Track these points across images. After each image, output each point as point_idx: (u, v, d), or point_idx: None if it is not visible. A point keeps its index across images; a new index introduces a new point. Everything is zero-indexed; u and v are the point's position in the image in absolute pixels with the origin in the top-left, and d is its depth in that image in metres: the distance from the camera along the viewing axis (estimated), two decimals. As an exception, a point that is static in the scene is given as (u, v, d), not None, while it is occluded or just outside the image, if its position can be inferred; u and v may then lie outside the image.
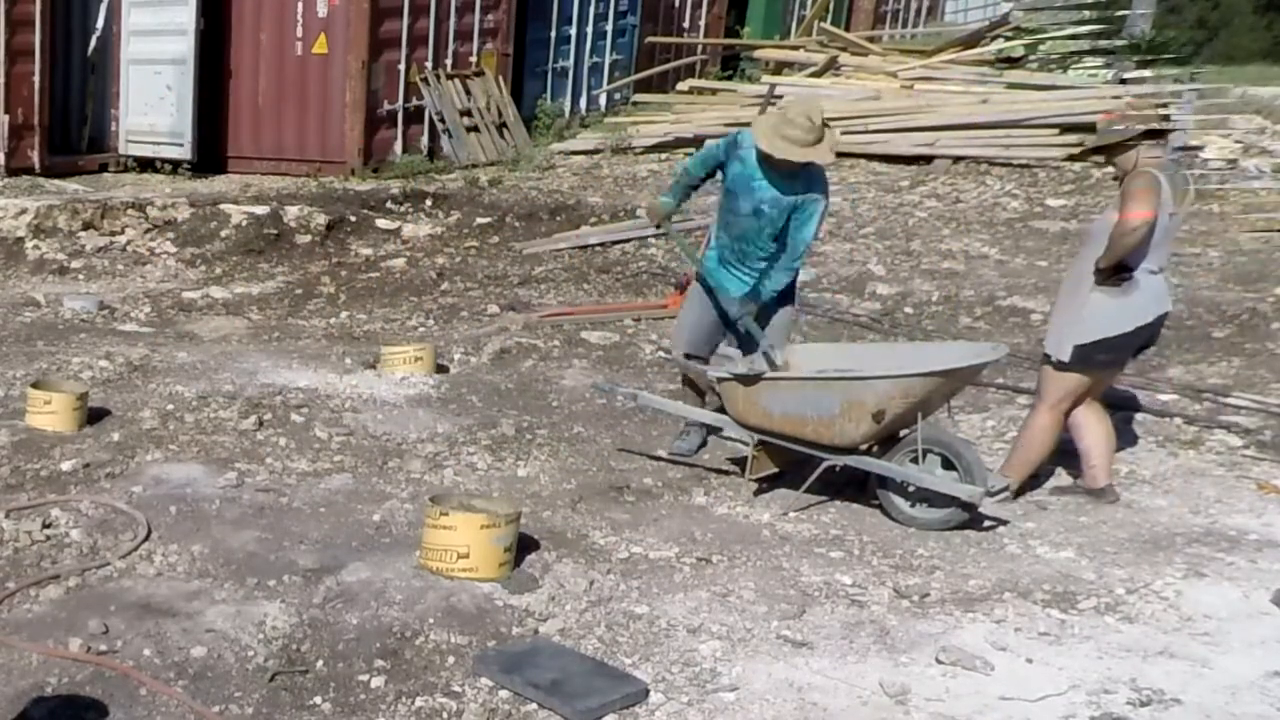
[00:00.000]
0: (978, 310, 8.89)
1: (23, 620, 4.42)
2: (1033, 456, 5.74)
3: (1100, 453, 5.72)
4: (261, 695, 4.01)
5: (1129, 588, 4.88)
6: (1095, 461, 5.72)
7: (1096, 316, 5.45)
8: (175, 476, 5.73)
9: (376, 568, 4.83)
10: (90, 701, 3.92)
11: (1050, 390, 5.61)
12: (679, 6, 18.62)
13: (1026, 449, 5.73)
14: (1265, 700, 4.09)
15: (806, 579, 4.91)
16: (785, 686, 4.11)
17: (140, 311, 9.05)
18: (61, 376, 7.04)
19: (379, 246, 10.97)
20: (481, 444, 6.32)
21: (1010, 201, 11.75)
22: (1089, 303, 5.46)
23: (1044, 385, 5.65)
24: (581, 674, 4.09)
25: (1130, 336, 5.50)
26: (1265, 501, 5.79)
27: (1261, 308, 8.62)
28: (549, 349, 8.12)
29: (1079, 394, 5.62)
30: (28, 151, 13.12)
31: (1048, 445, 5.73)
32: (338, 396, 6.96)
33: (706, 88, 15.92)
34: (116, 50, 13.92)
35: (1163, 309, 5.55)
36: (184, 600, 4.55)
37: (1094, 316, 5.46)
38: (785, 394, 5.58)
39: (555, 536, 5.19)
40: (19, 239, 10.46)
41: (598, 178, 13.53)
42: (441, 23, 14.39)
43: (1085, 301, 5.48)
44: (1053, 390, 5.61)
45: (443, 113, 14.22)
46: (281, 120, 14.11)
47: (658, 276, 10.00)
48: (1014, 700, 4.05)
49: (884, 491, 5.53)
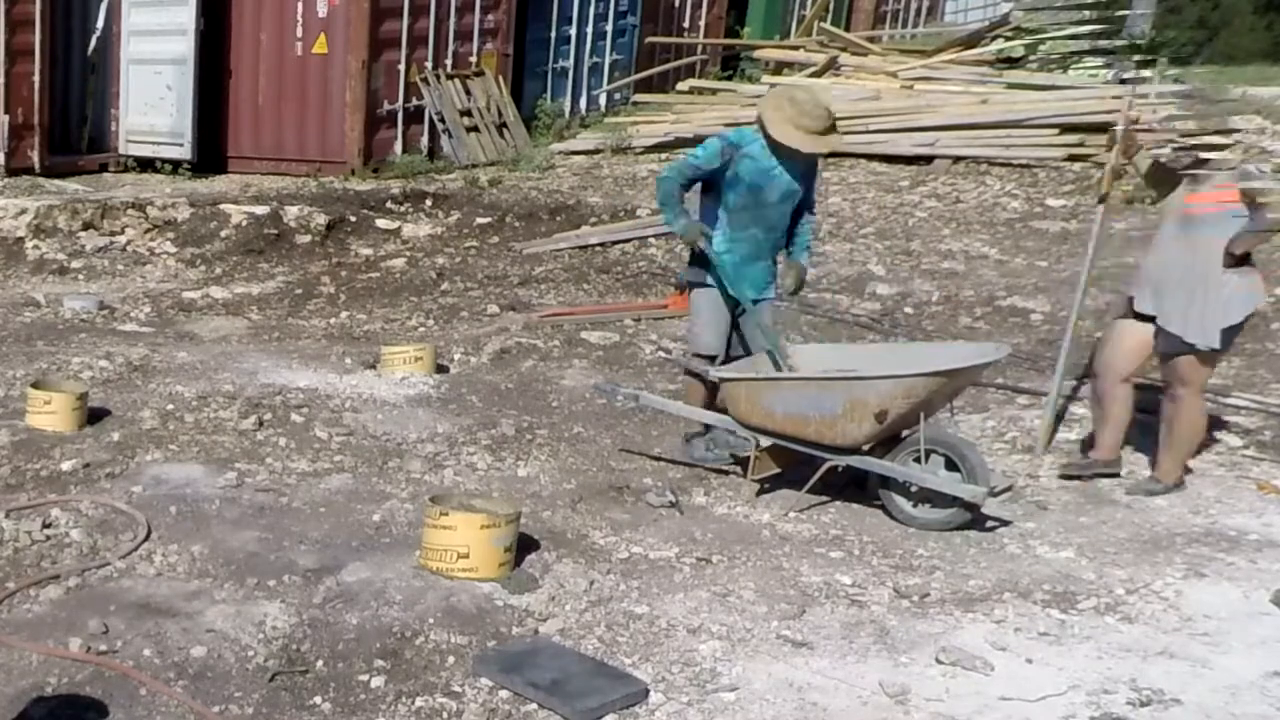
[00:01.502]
0: (978, 310, 8.89)
1: (23, 620, 4.42)
2: (1195, 446, 5.96)
3: (1123, 427, 5.98)
4: (261, 695, 4.01)
5: (1129, 588, 4.88)
6: (1118, 435, 5.98)
7: (1239, 297, 5.66)
8: (175, 476, 5.73)
9: (376, 568, 4.83)
10: (90, 701, 3.92)
11: (1197, 377, 5.77)
12: (679, 6, 18.61)
13: (1192, 439, 5.88)
14: (1265, 700, 4.09)
15: (806, 579, 4.91)
16: (785, 686, 4.11)
17: (140, 311, 9.05)
18: (61, 376, 7.04)
19: (379, 246, 10.97)
20: (481, 444, 6.32)
21: (1010, 201, 11.74)
22: (1228, 285, 5.63)
23: (1188, 374, 5.74)
24: (581, 674, 4.08)
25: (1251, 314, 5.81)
26: (1265, 501, 5.79)
27: (1261, 308, 8.59)
28: (549, 349, 8.12)
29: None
30: (28, 151, 13.11)
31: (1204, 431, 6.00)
32: (338, 396, 6.96)
33: (706, 88, 15.92)
34: (116, 50, 13.91)
35: None
36: (184, 600, 4.55)
37: (1236, 297, 5.65)
38: (788, 394, 5.58)
39: (555, 536, 5.19)
40: (19, 239, 10.46)
41: (598, 178, 13.53)
42: (441, 23, 14.39)
43: (1223, 285, 5.62)
44: (1200, 376, 5.79)
45: (443, 113, 14.22)
46: (281, 120, 14.11)
47: (657, 276, 10.00)
48: (1014, 700, 4.05)
49: (886, 492, 5.53)
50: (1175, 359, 5.74)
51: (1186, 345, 5.67)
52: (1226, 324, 5.64)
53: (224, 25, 14.05)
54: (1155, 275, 5.80)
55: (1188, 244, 5.69)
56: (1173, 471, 5.84)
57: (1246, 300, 5.68)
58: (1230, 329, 5.68)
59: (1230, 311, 5.64)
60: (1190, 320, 5.66)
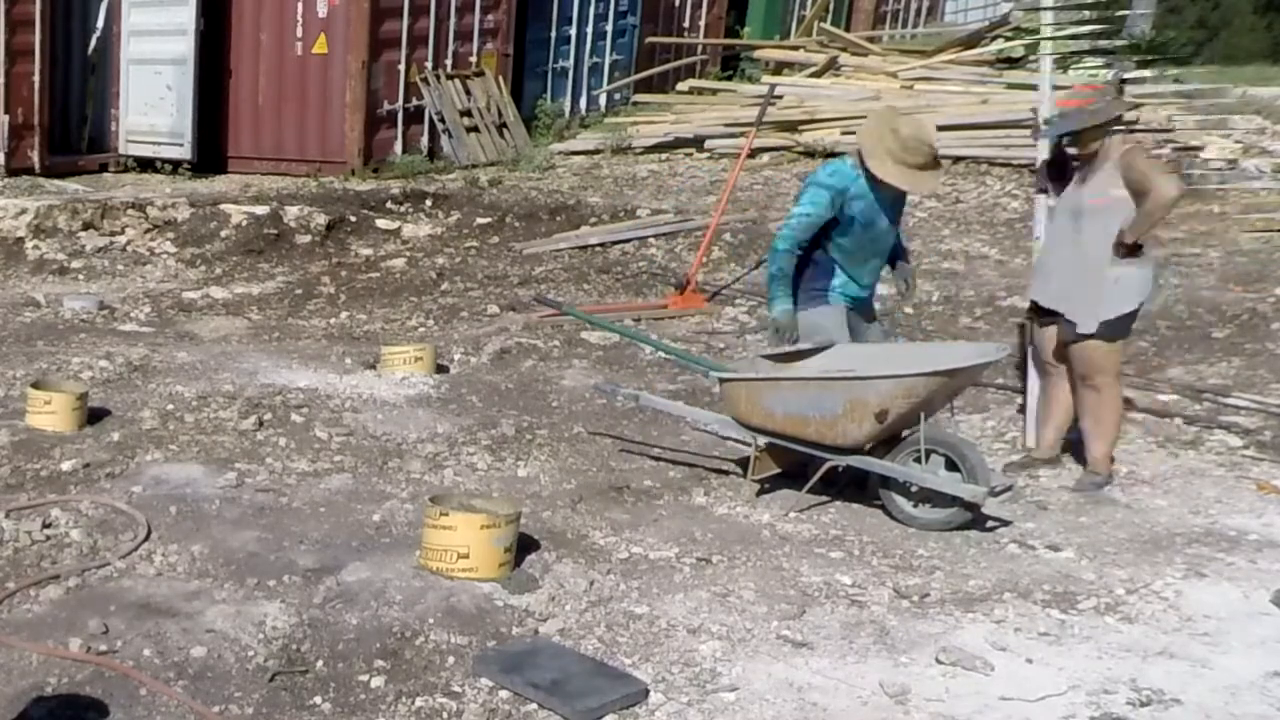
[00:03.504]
0: (978, 310, 8.89)
1: (23, 620, 4.42)
2: (1118, 430, 5.99)
3: (1062, 427, 6.12)
4: (261, 695, 4.01)
5: (1129, 588, 4.88)
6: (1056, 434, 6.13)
7: (1131, 287, 5.76)
8: (175, 476, 5.73)
9: (376, 568, 4.83)
10: (90, 701, 3.92)
11: (1109, 364, 5.83)
12: (679, 6, 18.61)
13: (1116, 425, 5.93)
14: (1265, 700, 4.09)
15: (806, 579, 4.91)
16: (785, 686, 4.11)
17: (140, 311, 9.05)
18: (61, 376, 7.04)
19: (379, 246, 10.97)
20: (481, 444, 6.32)
21: (1010, 201, 11.74)
22: (1119, 276, 5.72)
23: (1098, 361, 5.81)
24: (581, 674, 4.08)
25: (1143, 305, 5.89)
26: (1265, 501, 5.79)
27: (1261, 308, 8.62)
28: (549, 349, 8.12)
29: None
30: (28, 151, 13.11)
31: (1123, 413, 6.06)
32: (338, 396, 6.96)
33: (706, 88, 15.92)
34: (116, 50, 13.91)
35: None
36: (184, 600, 4.55)
37: (1128, 288, 5.74)
38: (788, 394, 5.58)
39: (555, 536, 5.19)
40: (19, 239, 10.46)
41: (598, 178, 13.53)
42: (441, 23, 14.39)
43: (1112, 276, 5.71)
44: (1111, 363, 5.84)
45: (443, 113, 14.22)
46: (281, 120, 14.11)
47: (657, 277, 10.00)
48: (1014, 700, 4.04)
49: (886, 492, 5.53)
50: (1080, 347, 5.84)
51: (1079, 334, 5.80)
52: (1118, 312, 5.75)
53: (224, 25, 14.05)
54: (1047, 265, 6.01)
55: (1077, 234, 5.83)
56: (1104, 461, 5.92)
57: (1141, 288, 5.80)
58: (1125, 316, 5.79)
59: (1122, 300, 5.75)
60: (1078, 309, 5.80)
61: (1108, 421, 5.88)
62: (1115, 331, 5.81)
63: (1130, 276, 5.76)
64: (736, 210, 11.20)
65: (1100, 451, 5.90)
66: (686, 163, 13.98)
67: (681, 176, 13.38)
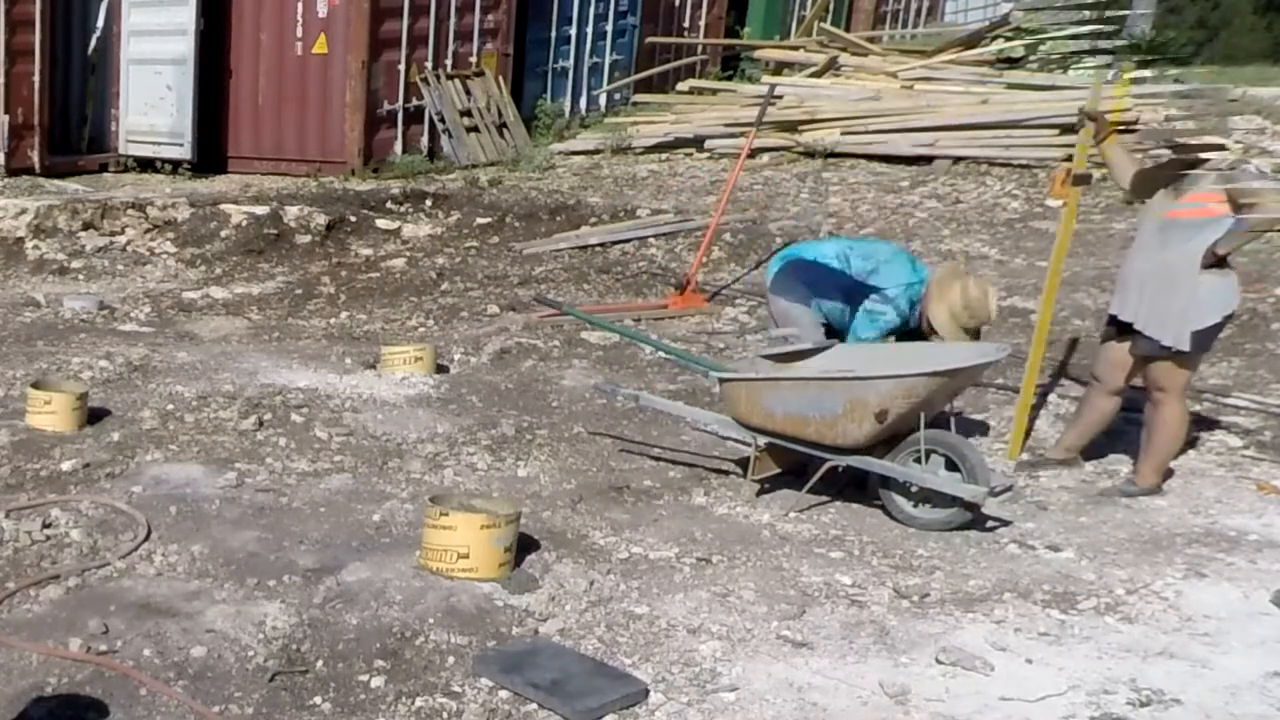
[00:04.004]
0: (978, 310, 8.88)
1: (23, 620, 4.42)
2: (1174, 451, 5.92)
3: (1089, 435, 6.08)
4: (261, 695, 4.01)
5: (1129, 588, 4.88)
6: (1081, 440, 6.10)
7: (1215, 299, 5.64)
8: (175, 476, 5.73)
9: (376, 568, 4.83)
10: (90, 701, 3.92)
11: (1175, 381, 5.76)
12: (679, 6, 18.61)
13: (1171, 445, 5.86)
14: (1265, 700, 4.09)
15: (806, 579, 4.91)
16: (785, 686, 4.11)
17: (140, 311, 9.05)
18: (61, 376, 7.04)
19: (379, 246, 10.97)
20: (481, 444, 6.32)
21: (1010, 202, 11.74)
22: (1203, 286, 5.60)
23: (1165, 378, 5.74)
24: (581, 674, 4.09)
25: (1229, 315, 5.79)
26: (1265, 501, 5.80)
27: (1261, 308, 8.61)
28: (549, 349, 8.12)
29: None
30: (28, 151, 13.10)
31: (1184, 435, 5.96)
32: (338, 396, 6.96)
33: (706, 88, 15.91)
34: (116, 50, 13.90)
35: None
36: (184, 600, 4.55)
37: (1212, 299, 5.63)
38: (788, 394, 5.58)
39: (555, 536, 5.19)
40: (19, 239, 10.46)
41: (598, 178, 13.53)
42: (441, 23, 14.38)
43: (1197, 286, 5.60)
44: (1178, 381, 5.77)
45: (443, 113, 14.22)
46: (281, 120, 14.10)
47: (657, 277, 10.00)
48: (1014, 700, 4.05)
49: (886, 492, 5.53)
50: (1152, 363, 5.75)
51: (1162, 348, 5.68)
52: (1201, 325, 5.63)
53: (224, 25, 14.04)
54: (1131, 279, 5.82)
55: (1164, 247, 5.70)
56: (1150, 476, 5.84)
57: (1224, 302, 5.67)
58: (1206, 330, 5.67)
59: (1206, 313, 5.64)
60: (1167, 323, 5.67)
61: (1161, 440, 5.80)
62: (1200, 345, 5.70)
63: (1218, 287, 5.63)
64: (736, 210, 11.20)
65: (1147, 467, 5.85)
66: (686, 163, 13.97)
67: (681, 176, 13.38)
